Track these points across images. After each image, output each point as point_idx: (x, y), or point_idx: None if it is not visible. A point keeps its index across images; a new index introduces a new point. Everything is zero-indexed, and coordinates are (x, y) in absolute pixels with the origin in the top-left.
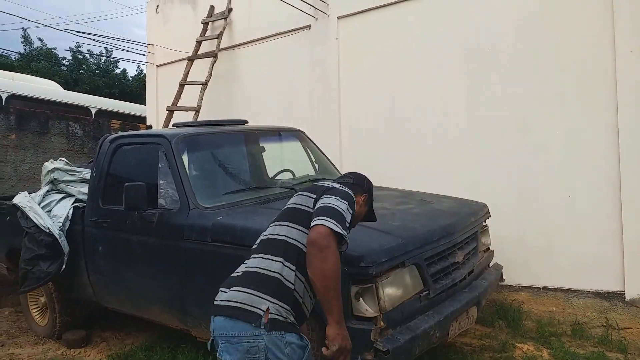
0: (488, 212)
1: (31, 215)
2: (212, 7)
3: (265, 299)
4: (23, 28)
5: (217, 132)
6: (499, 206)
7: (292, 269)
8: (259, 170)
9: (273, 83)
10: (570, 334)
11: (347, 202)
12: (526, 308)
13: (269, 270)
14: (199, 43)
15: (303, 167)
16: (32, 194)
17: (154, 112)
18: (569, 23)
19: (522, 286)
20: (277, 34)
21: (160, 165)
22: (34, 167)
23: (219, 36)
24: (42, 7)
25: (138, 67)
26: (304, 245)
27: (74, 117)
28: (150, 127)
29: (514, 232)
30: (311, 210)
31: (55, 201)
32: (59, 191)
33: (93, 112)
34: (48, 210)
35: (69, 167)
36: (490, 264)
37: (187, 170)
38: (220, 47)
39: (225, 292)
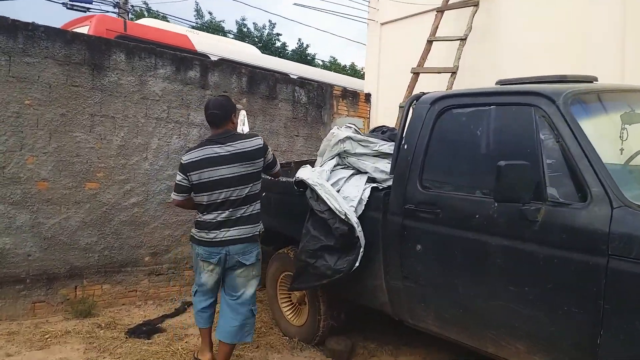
0: None
1: (323, 195)
2: None
3: None
4: (195, 1)
5: (627, 89)
6: None
7: None
8: None
9: (550, 34)
10: None
11: None
12: None
13: None
14: None
15: None
16: (318, 169)
17: (374, 78)
18: None
19: None
20: None
21: (542, 137)
22: (263, 135)
23: None
24: None
25: (299, 39)
26: None
27: (300, 82)
28: (369, 95)
29: None
30: None
31: (344, 179)
32: (346, 166)
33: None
34: (337, 189)
35: (361, 137)
36: None
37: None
38: None
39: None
